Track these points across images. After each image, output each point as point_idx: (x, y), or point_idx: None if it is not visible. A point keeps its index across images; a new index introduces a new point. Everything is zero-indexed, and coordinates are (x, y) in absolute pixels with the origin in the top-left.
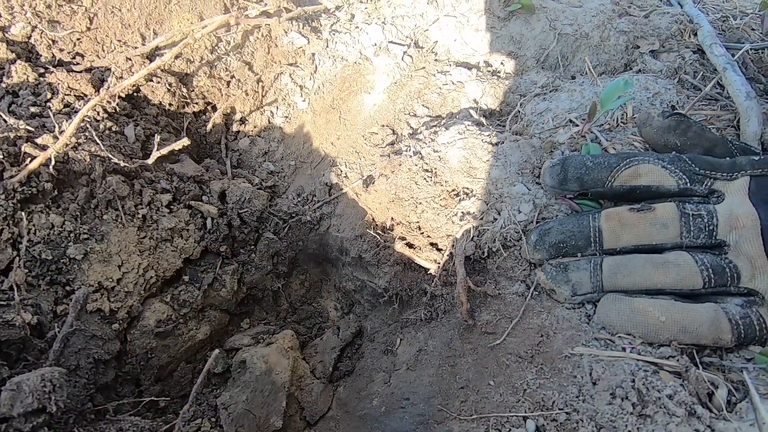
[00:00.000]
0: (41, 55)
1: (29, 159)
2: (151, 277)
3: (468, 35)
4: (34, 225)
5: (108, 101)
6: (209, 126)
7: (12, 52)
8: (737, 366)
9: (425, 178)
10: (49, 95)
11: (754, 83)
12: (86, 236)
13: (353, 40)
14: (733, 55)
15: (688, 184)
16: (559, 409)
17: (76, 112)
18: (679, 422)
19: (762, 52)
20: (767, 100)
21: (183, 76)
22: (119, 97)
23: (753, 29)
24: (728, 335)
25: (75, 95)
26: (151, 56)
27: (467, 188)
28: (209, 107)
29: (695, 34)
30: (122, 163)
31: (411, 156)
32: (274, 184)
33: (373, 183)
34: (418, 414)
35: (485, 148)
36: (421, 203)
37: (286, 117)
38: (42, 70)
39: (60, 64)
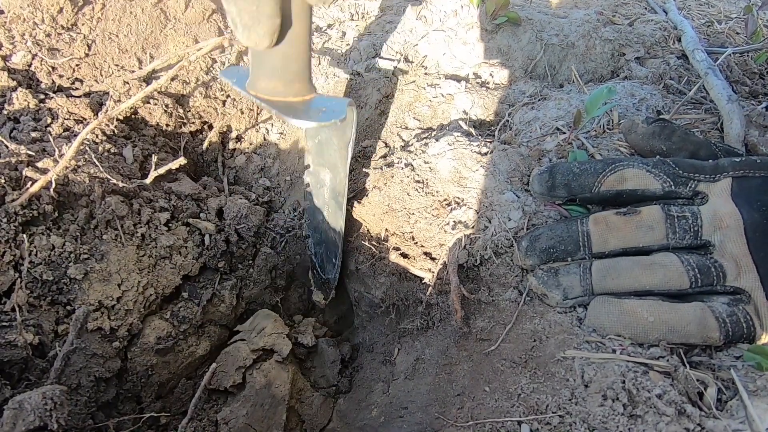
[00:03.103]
0: (41, 82)
1: (30, 183)
2: (151, 295)
3: (457, 49)
4: (35, 247)
5: (106, 124)
6: (205, 144)
7: (13, 80)
8: (726, 364)
9: (417, 189)
10: (49, 120)
11: (739, 86)
12: (86, 256)
13: (344, 56)
14: (716, 60)
15: (673, 187)
16: (553, 413)
17: (76, 135)
18: (669, 421)
19: (747, 55)
20: (753, 103)
21: (179, 97)
22: (117, 119)
23: (737, 33)
24: (716, 333)
25: (74, 119)
26: (147, 79)
27: (458, 198)
28: (205, 126)
29: (679, 40)
30: (121, 184)
31: (403, 168)
32: (270, 200)
33: (367, 195)
34: (416, 423)
35: (475, 158)
36: (413, 214)
37: (281, 133)
38: (42, 97)
39: (60, 89)
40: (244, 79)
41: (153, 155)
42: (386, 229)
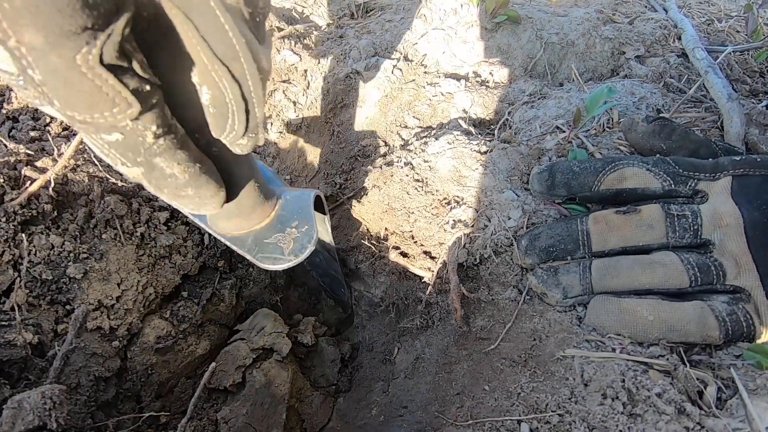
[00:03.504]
0: None
1: (29, 182)
2: (150, 294)
3: (456, 47)
4: (34, 246)
5: None
6: None
7: None
8: (726, 363)
9: (416, 188)
10: (48, 119)
11: (739, 84)
12: (85, 255)
13: (344, 55)
14: (716, 58)
15: (673, 186)
16: (552, 412)
17: (75, 134)
18: (668, 420)
19: (747, 54)
20: (753, 101)
21: None
22: None
23: (738, 31)
24: (716, 332)
25: None
26: None
27: (457, 197)
28: None
29: (679, 39)
30: (120, 183)
31: (402, 167)
32: None
33: (367, 194)
34: (416, 422)
35: (474, 157)
36: (413, 213)
37: (281, 132)
38: None
39: None
40: None
41: None
42: (386, 228)
